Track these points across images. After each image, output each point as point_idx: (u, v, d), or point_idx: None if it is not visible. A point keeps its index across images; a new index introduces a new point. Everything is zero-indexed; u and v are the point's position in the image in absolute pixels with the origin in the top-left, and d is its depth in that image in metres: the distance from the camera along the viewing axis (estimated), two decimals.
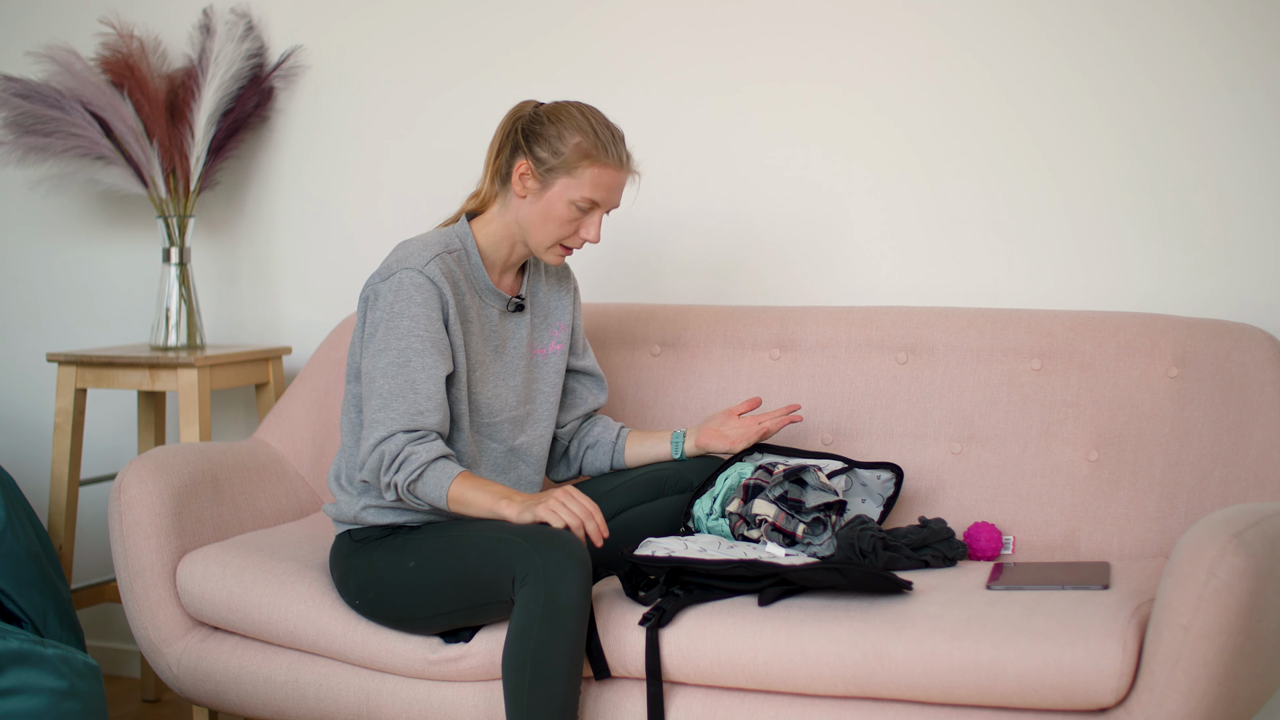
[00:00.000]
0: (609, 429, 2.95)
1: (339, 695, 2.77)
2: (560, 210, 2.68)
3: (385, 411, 2.61)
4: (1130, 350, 2.89)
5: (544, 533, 2.54)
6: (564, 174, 2.67)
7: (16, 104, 3.54)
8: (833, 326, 3.09)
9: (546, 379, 2.85)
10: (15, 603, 3.07)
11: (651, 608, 2.55)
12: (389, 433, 2.60)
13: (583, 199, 2.67)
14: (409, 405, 2.61)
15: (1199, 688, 2.25)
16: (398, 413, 2.61)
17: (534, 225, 2.71)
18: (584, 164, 2.66)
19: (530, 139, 2.69)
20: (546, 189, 2.68)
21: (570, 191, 2.67)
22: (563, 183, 2.67)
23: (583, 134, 2.67)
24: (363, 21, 3.65)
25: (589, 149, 2.66)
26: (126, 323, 3.92)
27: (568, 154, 2.66)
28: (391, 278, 2.66)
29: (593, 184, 2.67)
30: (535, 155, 2.68)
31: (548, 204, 2.69)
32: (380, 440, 2.61)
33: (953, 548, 2.78)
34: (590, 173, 2.67)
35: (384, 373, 2.63)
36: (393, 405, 2.61)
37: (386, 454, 2.60)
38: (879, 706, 2.45)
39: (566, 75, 3.43)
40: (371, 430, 2.63)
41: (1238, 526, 2.29)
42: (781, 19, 3.30)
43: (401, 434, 2.60)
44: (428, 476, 2.60)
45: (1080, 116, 3.10)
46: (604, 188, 2.68)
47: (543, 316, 2.86)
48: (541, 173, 2.68)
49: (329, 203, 3.72)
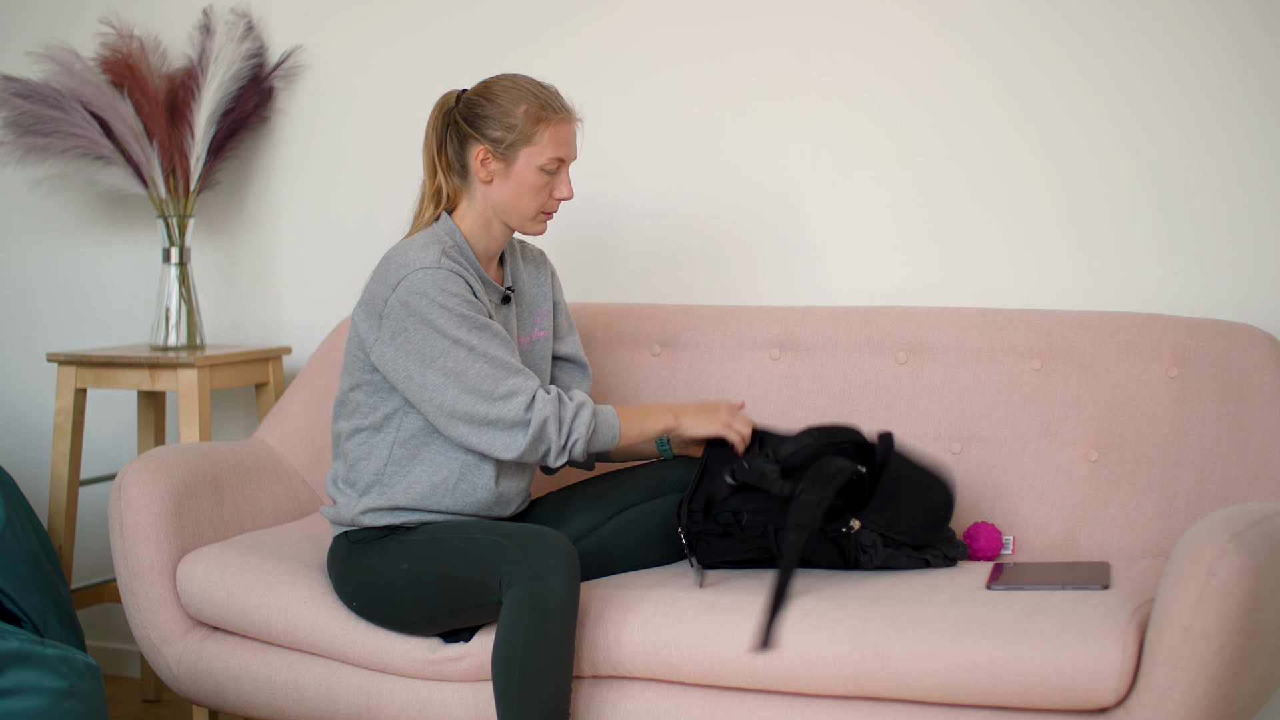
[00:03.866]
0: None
1: (338, 695, 2.77)
2: (531, 179, 2.70)
3: (504, 384, 2.61)
4: (1130, 350, 2.89)
5: (530, 533, 2.55)
6: (524, 144, 2.69)
7: (16, 104, 3.54)
8: (833, 326, 3.09)
9: (534, 366, 2.85)
10: (15, 603, 3.07)
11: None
12: (529, 399, 2.61)
13: (549, 160, 2.70)
14: (514, 367, 2.63)
15: (1199, 688, 2.25)
16: (516, 380, 2.62)
17: (510, 203, 2.72)
18: (539, 128, 2.69)
19: (475, 124, 2.71)
20: (511, 164, 2.70)
21: (535, 158, 2.69)
22: (525, 153, 2.69)
23: (526, 101, 2.69)
24: (362, 21, 3.65)
25: (538, 112, 2.69)
26: (126, 323, 3.92)
27: (520, 124, 2.68)
28: (403, 283, 2.62)
29: (553, 142, 2.70)
30: (489, 137, 2.69)
31: (517, 178, 2.70)
32: (526, 408, 2.61)
33: (954, 547, 2.78)
34: (548, 134, 2.69)
35: (471, 358, 2.61)
36: (505, 378, 2.62)
37: (550, 419, 2.62)
38: (879, 706, 2.45)
39: (566, 75, 3.42)
40: (504, 406, 2.60)
41: (1238, 526, 2.29)
42: (783, 14, 3.30)
43: (541, 396, 2.63)
44: (600, 425, 2.69)
45: (1084, 117, 3.10)
46: (563, 142, 2.71)
47: (526, 304, 2.86)
48: (501, 151, 2.69)
49: (329, 203, 3.72)
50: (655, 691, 2.58)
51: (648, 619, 2.56)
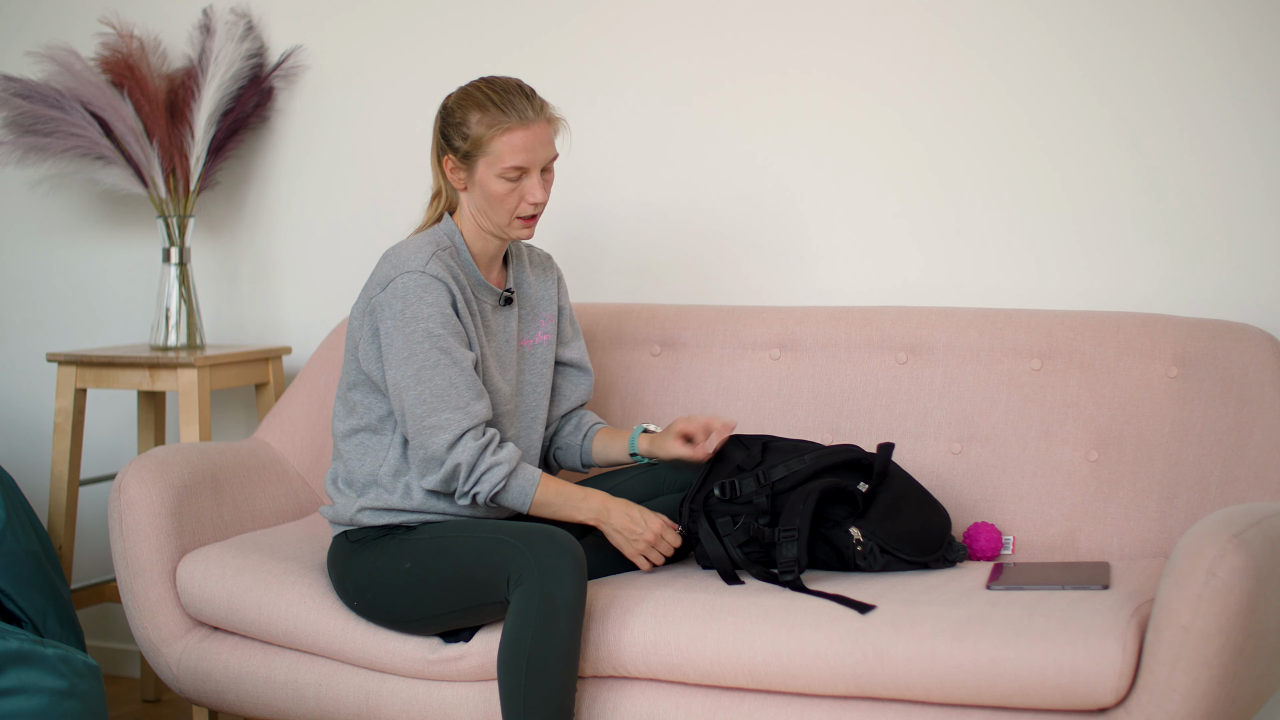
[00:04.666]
0: (578, 430, 2.93)
1: (339, 695, 2.77)
2: (495, 187, 2.67)
3: (437, 415, 2.60)
4: (1130, 350, 2.89)
5: (538, 532, 2.55)
6: (479, 154, 2.66)
7: (16, 104, 3.54)
8: (833, 326, 3.09)
9: (534, 369, 2.85)
10: (15, 603, 3.07)
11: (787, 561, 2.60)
12: (454, 438, 2.60)
13: (507, 169, 2.65)
14: (456, 402, 2.61)
15: (1199, 688, 2.25)
16: (450, 412, 2.60)
17: (484, 210, 2.71)
18: (491, 135, 2.64)
19: (444, 132, 2.71)
20: (474, 173, 2.68)
21: (492, 167, 2.66)
22: (482, 163, 2.67)
23: (480, 108, 2.66)
24: (362, 21, 3.65)
25: (489, 120, 2.65)
26: (126, 323, 3.92)
27: (473, 133, 2.66)
28: (392, 284, 2.65)
29: (508, 151, 2.65)
30: (453, 147, 2.69)
31: (482, 187, 2.68)
32: (450, 444, 2.60)
33: (954, 550, 2.77)
34: (499, 142, 2.65)
35: (417, 378, 2.62)
36: (442, 407, 2.60)
37: (463, 464, 2.60)
38: (878, 706, 2.45)
39: (566, 74, 3.42)
40: (431, 436, 2.61)
41: (1238, 526, 2.29)
42: (783, 12, 3.30)
43: (469, 439, 2.60)
44: (512, 486, 2.64)
45: (1085, 118, 3.10)
46: (520, 149, 2.65)
47: (530, 307, 2.86)
48: (461, 160, 2.69)
49: (329, 203, 3.72)
50: (656, 691, 2.58)
51: (648, 619, 2.56)
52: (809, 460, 2.73)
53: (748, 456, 2.78)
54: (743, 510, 2.71)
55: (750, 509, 2.70)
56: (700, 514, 2.73)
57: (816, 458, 2.74)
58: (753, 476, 2.72)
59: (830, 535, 2.69)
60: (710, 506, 2.73)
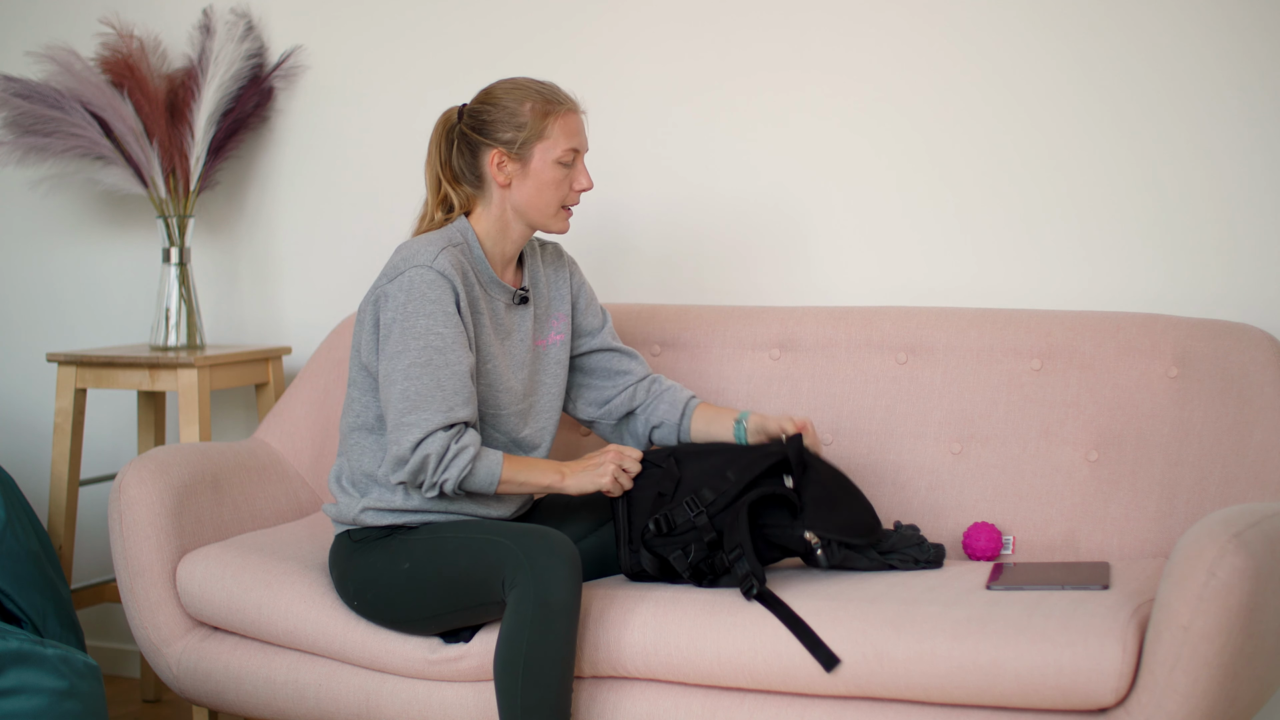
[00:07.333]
0: (674, 408, 2.90)
1: (339, 695, 2.77)
2: (549, 174, 2.72)
3: (416, 413, 2.61)
4: (1130, 350, 2.89)
5: (534, 533, 2.56)
6: (537, 140, 2.71)
7: (16, 104, 3.54)
8: (833, 326, 3.09)
9: (548, 370, 2.85)
10: (15, 603, 3.07)
11: (745, 576, 2.56)
12: (426, 432, 2.60)
13: (564, 152, 2.72)
14: (439, 403, 2.61)
15: (1199, 688, 2.25)
16: (430, 412, 2.60)
17: (532, 202, 2.73)
18: (548, 121, 2.71)
19: (484, 130, 2.72)
20: (528, 163, 2.71)
21: (550, 152, 2.71)
22: (540, 148, 2.71)
23: (529, 99, 2.72)
24: (362, 21, 3.65)
25: (544, 107, 2.71)
26: (126, 323, 3.92)
27: (529, 121, 2.70)
28: (400, 277, 2.65)
29: (565, 133, 2.72)
30: (500, 140, 2.71)
31: (536, 175, 2.72)
32: (418, 442, 2.60)
33: (924, 551, 2.74)
34: (558, 125, 2.72)
35: (406, 374, 2.62)
36: (423, 406, 2.61)
37: (432, 455, 2.60)
38: (879, 706, 2.46)
39: (565, 75, 3.42)
40: (405, 432, 2.61)
41: (1238, 526, 2.29)
42: (784, 11, 3.30)
43: (440, 432, 2.61)
44: (479, 469, 2.63)
45: (1087, 119, 3.10)
46: (574, 132, 2.74)
47: (544, 307, 2.86)
48: (515, 151, 2.71)
49: (329, 203, 3.72)
50: (655, 692, 2.58)
51: (648, 619, 2.57)
52: (733, 476, 2.68)
53: (664, 475, 2.72)
54: (688, 539, 2.66)
55: (694, 534, 2.67)
56: (643, 552, 2.69)
57: (739, 470, 2.68)
58: (683, 505, 2.67)
59: (783, 540, 2.66)
60: (649, 542, 2.69)
